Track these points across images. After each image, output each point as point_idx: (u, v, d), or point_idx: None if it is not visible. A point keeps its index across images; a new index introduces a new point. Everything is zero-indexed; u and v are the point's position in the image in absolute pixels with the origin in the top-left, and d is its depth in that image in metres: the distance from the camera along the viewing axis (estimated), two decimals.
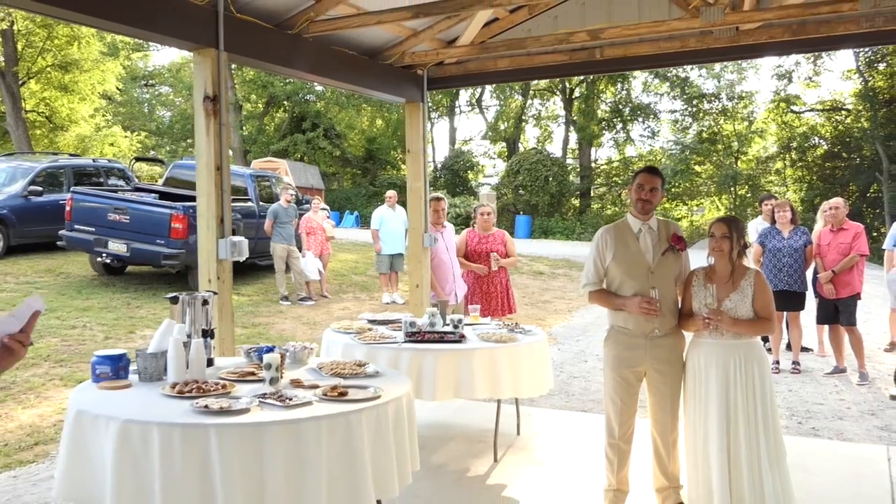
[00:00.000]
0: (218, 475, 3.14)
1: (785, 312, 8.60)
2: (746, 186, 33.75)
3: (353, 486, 3.40)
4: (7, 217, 13.80)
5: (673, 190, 33.92)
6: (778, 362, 8.54)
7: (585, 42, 6.37)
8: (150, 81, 43.94)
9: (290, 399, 3.50)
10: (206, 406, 3.34)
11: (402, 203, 13.36)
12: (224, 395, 3.57)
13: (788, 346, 8.99)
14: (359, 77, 6.89)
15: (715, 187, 35.03)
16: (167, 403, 3.47)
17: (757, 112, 35.33)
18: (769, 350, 8.80)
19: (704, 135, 34.99)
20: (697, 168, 34.97)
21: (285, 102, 37.65)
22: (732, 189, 34.06)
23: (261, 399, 3.51)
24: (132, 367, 3.98)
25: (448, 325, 5.57)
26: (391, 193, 13.73)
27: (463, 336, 5.35)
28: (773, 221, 8.60)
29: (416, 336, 5.28)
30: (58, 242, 12.81)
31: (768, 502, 4.02)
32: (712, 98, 34.95)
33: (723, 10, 5.69)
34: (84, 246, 12.49)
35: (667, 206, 34.86)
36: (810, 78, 32.81)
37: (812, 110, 33.87)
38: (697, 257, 4.50)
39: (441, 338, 5.30)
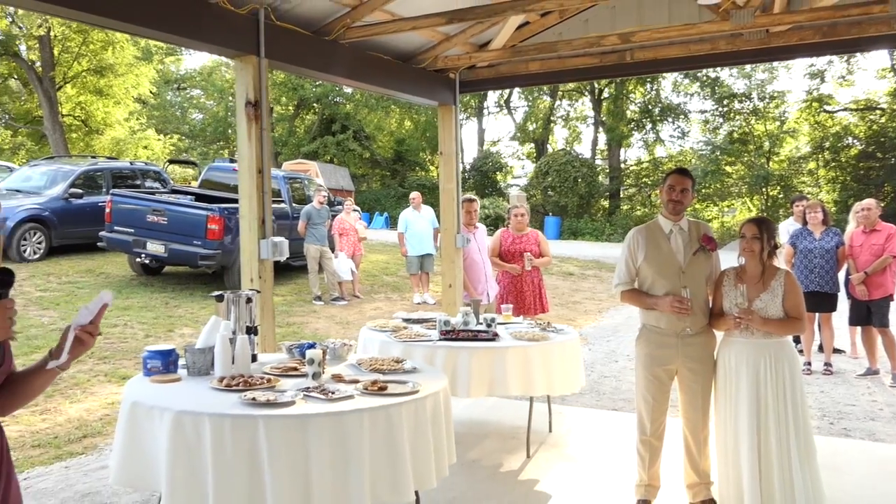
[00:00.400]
0: (266, 463, 3.30)
1: (817, 314, 8.60)
2: (778, 187, 33.45)
3: (394, 477, 3.54)
4: (49, 219, 14.16)
5: (703, 191, 33.70)
6: (809, 363, 8.55)
7: (616, 45, 6.46)
8: (183, 85, 44.55)
9: (333, 393, 3.65)
10: (253, 398, 3.50)
11: (432, 203, 13.52)
12: (269, 389, 3.73)
13: (821, 348, 8.99)
14: (393, 81, 7.04)
15: (746, 188, 34.75)
16: (216, 396, 3.64)
17: (789, 112, 35.02)
18: (801, 352, 8.82)
19: (735, 135, 34.73)
20: (728, 169, 34.71)
21: (315, 105, 38.03)
22: (764, 190, 33.77)
23: (305, 392, 3.67)
24: (181, 361, 4.16)
25: (481, 323, 5.69)
26: (415, 195, 13.89)
27: (496, 334, 5.47)
28: (805, 222, 8.61)
29: (451, 334, 5.41)
30: (98, 243, 13.13)
31: (798, 500, 4.09)
32: (743, 98, 34.68)
33: (753, 12, 5.75)
34: (123, 247, 12.80)
35: (697, 206, 34.64)
36: (843, 77, 32.49)
37: (846, 109, 33.51)
38: (728, 258, 4.58)
39: (475, 336, 5.42)
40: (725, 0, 5.81)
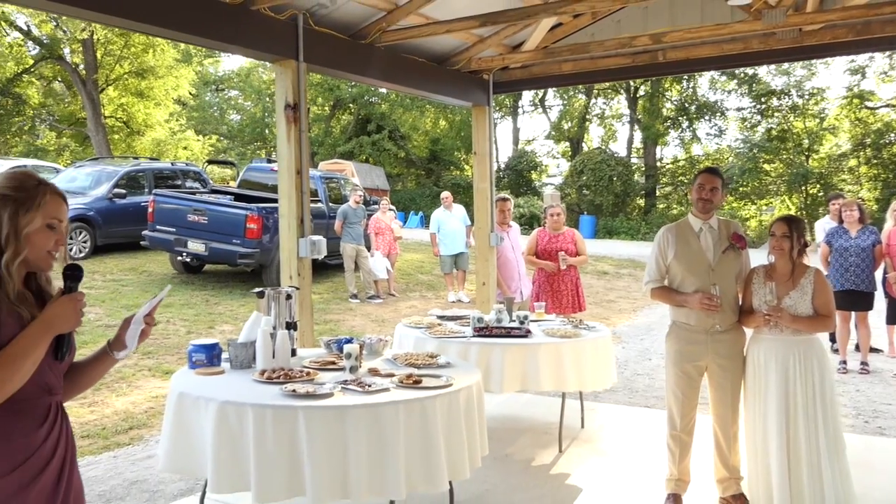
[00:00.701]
0: (305, 452, 3.45)
1: (853, 312, 8.55)
2: (818, 185, 32.96)
3: (429, 467, 3.67)
4: (94, 218, 14.55)
5: (741, 189, 33.36)
6: (845, 362, 8.51)
7: (648, 45, 6.52)
8: (221, 86, 45.20)
9: (370, 385, 3.79)
10: (293, 390, 3.65)
11: (467, 203, 13.63)
12: (309, 382, 3.88)
13: (857, 347, 8.94)
14: (427, 83, 7.17)
15: (785, 186, 34.29)
16: (258, 388, 3.80)
17: (828, 108, 34.47)
18: (836, 351, 8.78)
19: (774, 132, 34.29)
20: (766, 167, 34.28)
21: (351, 105, 38.36)
22: (803, 188, 33.30)
23: (343, 385, 3.81)
24: (224, 355, 4.34)
25: (514, 320, 5.80)
26: (446, 195, 14.02)
27: (529, 331, 5.57)
28: (841, 221, 8.57)
29: (484, 331, 5.52)
30: (141, 242, 13.48)
31: (827, 496, 4.13)
32: (781, 95, 34.23)
33: (785, 12, 5.78)
34: (165, 245, 13.12)
35: (734, 205, 34.28)
36: (885, 73, 31.91)
37: (888, 106, 32.89)
38: (762, 258, 4.62)
39: (508, 333, 5.53)
40: (757, 0, 5.84)
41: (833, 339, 9.14)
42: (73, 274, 2.18)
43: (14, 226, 2.04)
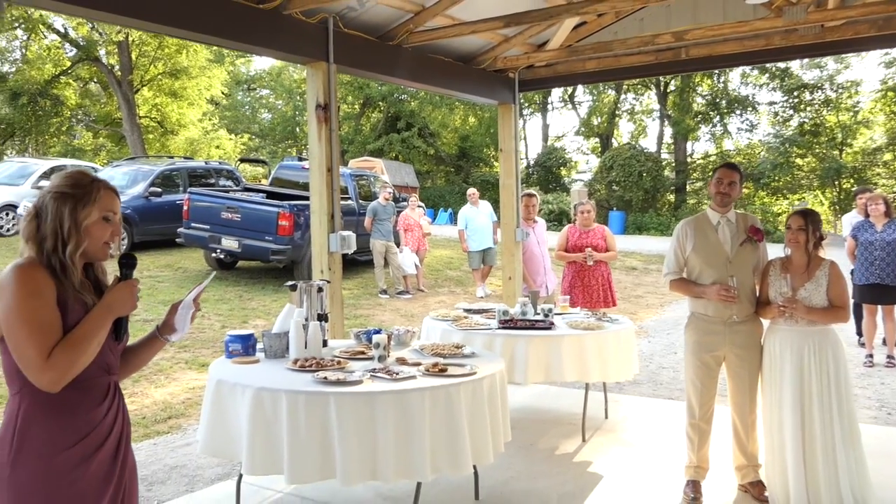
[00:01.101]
0: (336, 436, 3.65)
1: (879, 306, 8.56)
2: (852, 180, 32.58)
3: (453, 451, 3.85)
4: (131, 216, 14.92)
5: (773, 184, 33.10)
6: (871, 356, 8.54)
7: (671, 43, 6.62)
8: (252, 85, 45.75)
9: (397, 373, 3.98)
10: (325, 378, 3.85)
11: (494, 199, 13.78)
12: (339, 370, 4.07)
13: (885, 341, 8.93)
14: (454, 82, 7.34)
15: (818, 181, 33.94)
16: (291, 376, 4.01)
17: (863, 102, 34.05)
18: (863, 344, 8.81)
19: (806, 127, 33.94)
20: (799, 161, 33.95)
21: (381, 103, 38.62)
22: (836, 182, 32.94)
23: (371, 373, 4.00)
24: (258, 345, 4.55)
25: (539, 313, 5.95)
26: (472, 191, 14.18)
27: (552, 324, 5.72)
28: (868, 215, 8.59)
29: (509, 323, 5.68)
30: (176, 239, 13.81)
31: (842, 483, 4.24)
32: (814, 89, 33.85)
33: (805, 8, 5.86)
34: (200, 242, 13.44)
35: (766, 200, 34.05)
36: None
37: None
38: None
39: (532, 325, 5.69)
40: None
41: (860, 333, 9.16)
42: (128, 262, 2.38)
43: (74, 220, 2.24)
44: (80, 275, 2.28)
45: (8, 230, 15.98)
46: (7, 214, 16.08)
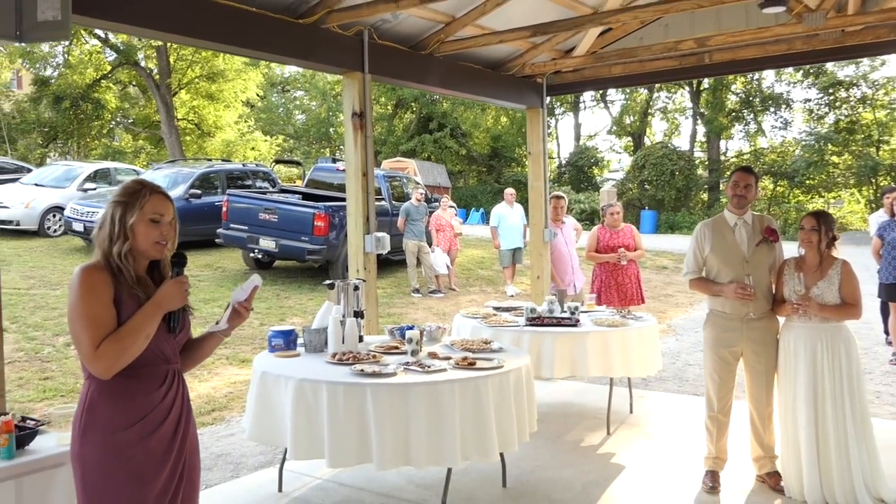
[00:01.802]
0: (372, 424, 3.94)
1: None
2: (888, 177, 32.17)
3: (481, 438, 4.12)
4: None
5: (807, 182, 32.85)
6: None
7: (694, 49, 6.82)
8: (287, 87, 46.38)
9: (429, 367, 4.27)
10: (361, 370, 4.15)
11: (524, 198, 14.02)
12: (375, 363, 4.36)
13: None
14: (484, 88, 7.61)
15: (854, 179, 33.58)
16: (330, 368, 4.31)
17: None
18: (889, 343, 8.90)
19: (842, 124, 33.59)
20: (835, 159, 33.62)
21: (413, 104, 38.96)
22: (873, 180, 32.56)
23: (405, 366, 4.30)
24: (299, 340, 4.87)
25: (565, 311, 6.19)
26: (510, 191, 14.43)
27: (578, 321, 5.96)
28: (894, 214, 8.68)
29: (536, 321, 5.94)
30: (215, 240, 14.25)
31: (855, 474, 4.44)
32: (850, 86, 33.49)
33: (825, 14, 6.02)
34: (238, 243, 13.87)
35: (801, 198, 33.78)
36: None
37: None
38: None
39: (558, 322, 5.93)
40: (797, 4, 6.10)
41: (888, 332, 9.24)
42: (178, 261, 2.68)
43: (122, 223, 2.55)
44: (140, 272, 2.58)
45: (55, 231, 16.55)
46: (54, 216, 16.65)
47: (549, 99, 8.38)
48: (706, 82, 35.89)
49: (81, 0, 3.85)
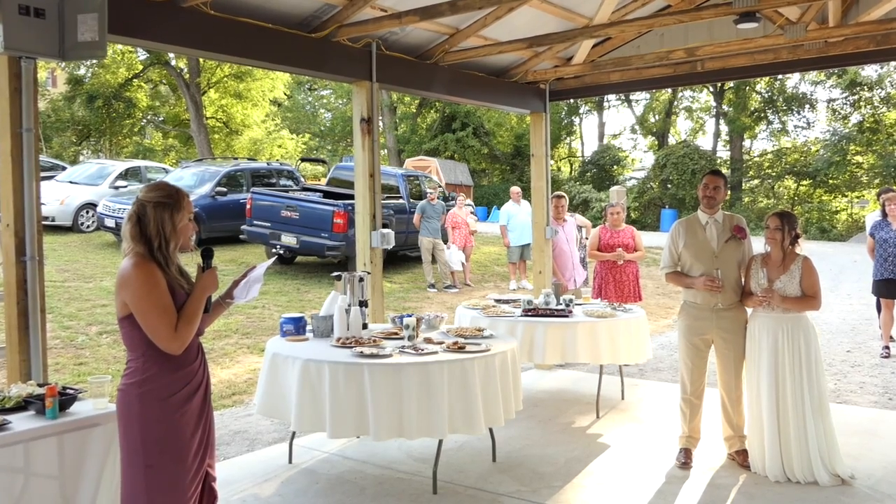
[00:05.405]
0: (369, 399, 4.44)
1: (895, 301, 8.98)
2: None
3: (468, 413, 4.62)
4: (199, 214, 15.95)
5: (830, 181, 32.87)
6: (888, 347, 8.97)
7: (684, 58, 7.23)
8: (312, 86, 47.08)
9: (422, 350, 4.77)
10: (361, 352, 4.65)
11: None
12: (374, 346, 4.86)
13: None
14: (488, 94, 8.07)
15: (878, 178, 33.47)
16: (334, 351, 4.81)
17: None
18: (881, 337, 9.23)
19: (865, 124, 33.52)
20: (858, 159, 33.56)
21: (437, 103, 39.40)
22: None
23: (401, 349, 4.80)
24: (308, 326, 5.37)
25: (560, 303, 6.65)
26: (516, 189, 14.95)
27: (570, 312, 6.42)
28: (885, 214, 9.01)
29: (531, 312, 6.41)
30: (240, 236, 14.87)
31: (812, 451, 4.88)
32: (873, 86, 33.40)
33: (805, 27, 6.40)
34: (261, 239, 14.47)
35: (824, 198, 33.79)
36: None
37: None
38: (848, 251, 5.28)
39: (551, 313, 6.40)
40: (779, 17, 6.49)
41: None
42: (209, 253, 3.19)
43: (173, 223, 3.05)
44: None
45: (88, 227, 17.26)
46: (87, 212, 17.36)
47: (558, 102, 8.79)
48: (730, 81, 35.92)
49: (115, 22, 4.35)
